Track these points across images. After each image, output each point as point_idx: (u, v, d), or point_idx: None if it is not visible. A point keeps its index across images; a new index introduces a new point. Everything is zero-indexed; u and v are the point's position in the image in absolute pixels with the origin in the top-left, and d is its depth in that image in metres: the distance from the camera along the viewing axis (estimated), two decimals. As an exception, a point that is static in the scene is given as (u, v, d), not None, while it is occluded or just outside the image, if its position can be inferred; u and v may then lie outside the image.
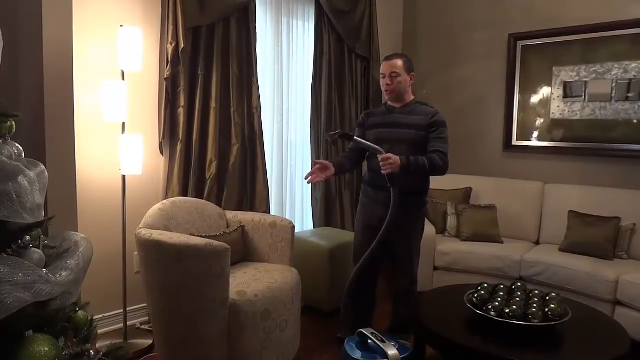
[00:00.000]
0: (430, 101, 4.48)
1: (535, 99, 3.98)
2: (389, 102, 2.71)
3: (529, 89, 4.01)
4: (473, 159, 4.31)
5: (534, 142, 4.00)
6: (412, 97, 2.71)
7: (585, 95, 3.71)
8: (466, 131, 4.37)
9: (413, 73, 2.67)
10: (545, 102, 3.92)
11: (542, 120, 3.95)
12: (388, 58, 2.68)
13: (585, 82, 3.70)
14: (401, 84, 2.61)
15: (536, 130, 3.99)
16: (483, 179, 3.99)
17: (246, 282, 2.42)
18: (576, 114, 3.76)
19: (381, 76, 2.66)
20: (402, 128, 2.61)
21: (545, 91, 3.92)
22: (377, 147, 2.44)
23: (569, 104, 3.79)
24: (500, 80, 4.15)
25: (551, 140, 3.90)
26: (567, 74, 3.79)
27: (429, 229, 3.46)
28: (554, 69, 3.85)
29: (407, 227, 2.62)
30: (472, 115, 4.34)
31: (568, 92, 3.79)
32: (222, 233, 2.73)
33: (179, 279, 2.27)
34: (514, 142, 4.10)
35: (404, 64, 2.61)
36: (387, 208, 2.44)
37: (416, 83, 4.58)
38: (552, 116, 3.89)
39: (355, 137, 2.49)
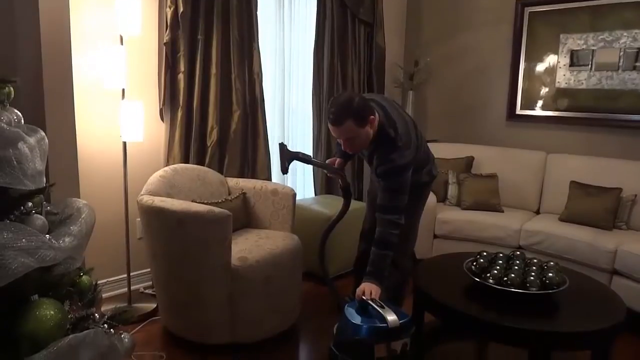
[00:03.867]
0: (433, 70, 4.46)
1: (541, 67, 3.92)
2: None
3: (535, 57, 3.94)
4: (476, 128, 4.28)
5: (538, 112, 3.96)
6: (376, 128, 2.11)
7: (592, 64, 3.65)
8: (469, 100, 4.33)
9: (372, 117, 2.05)
10: (551, 71, 3.86)
11: (547, 90, 3.90)
12: (334, 122, 2.02)
13: (593, 50, 3.63)
14: (364, 139, 2.07)
15: (541, 99, 3.94)
16: (485, 148, 3.96)
17: (248, 249, 2.44)
18: (582, 83, 3.70)
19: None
20: (369, 160, 2.25)
21: (551, 59, 3.85)
22: (335, 169, 2.34)
23: (575, 72, 3.73)
24: (505, 48, 4.07)
25: (556, 110, 3.86)
26: (574, 41, 3.72)
27: (429, 198, 3.49)
28: (561, 36, 3.77)
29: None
30: (476, 83, 4.28)
31: (575, 60, 3.73)
32: (223, 200, 2.74)
33: (182, 245, 2.29)
34: (518, 112, 4.05)
35: (356, 121, 2.00)
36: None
37: (420, 50, 4.54)
38: (557, 85, 3.83)
39: (312, 159, 2.28)
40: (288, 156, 2.18)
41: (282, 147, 2.18)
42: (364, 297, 2.04)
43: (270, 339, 2.47)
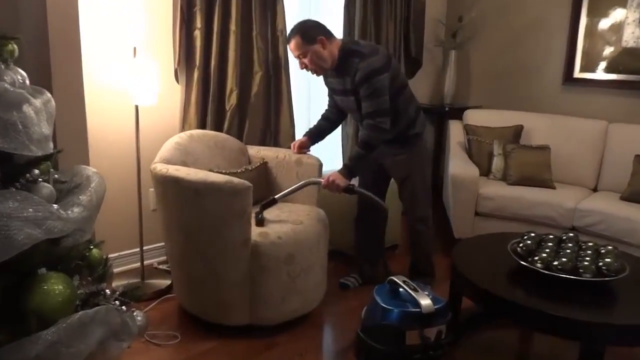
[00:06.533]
0: (479, 26, 4.33)
1: (605, 23, 3.76)
2: None
3: (599, 11, 3.77)
4: (526, 92, 4.17)
5: (599, 75, 3.82)
6: (338, 49, 2.55)
7: (666, 19, 3.48)
8: (520, 61, 4.21)
9: (321, 37, 2.50)
10: (617, 28, 3.69)
11: (611, 49, 3.75)
12: (287, 40, 2.62)
13: (669, 3, 3.46)
14: (315, 60, 2.52)
15: (604, 60, 3.80)
16: (537, 115, 3.87)
17: (271, 224, 2.46)
18: (653, 41, 3.54)
19: None
20: (346, 95, 2.63)
21: (618, 14, 3.68)
22: (315, 180, 2.64)
23: (645, 29, 3.57)
24: (564, 0, 3.92)
25: (621, 73, 3.71)
26: (646, -7, 3.54)
27: (471, 170, 3.48)
28: (631, -13, 3.60)
29: (403, 167, 2.76)
30: (528, 42, 4.15)
31: (646, 15, 3.56)
32: (243, 170, 2.76)
33: (198, 218, 2.33)
34: (576, 75, 3.92)
35: (302, 39, 2.49)
36: (387, 155, 2.73)
37: (464, 3, 4.40)
38: (624, 44, 3.68)
39: (275, 198, 2.57)
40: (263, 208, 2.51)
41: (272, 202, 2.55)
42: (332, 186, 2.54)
43: (292, 321, 2.50)
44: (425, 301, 2.01)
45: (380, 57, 2.51)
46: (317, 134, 2.89)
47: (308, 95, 3.66)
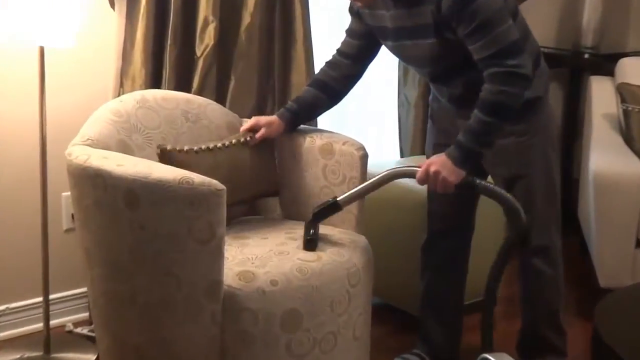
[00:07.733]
0: None
1: None
2: None
3: None
4: None
5: None
6: None
7: None
8: None
9: None
10: None
11: None
12: None
13: None
14: None
15: None
16: None
17: (262, 257, 2.45)
18: None
19: None
20: (415, 36, 2.60)
21: None
22: (408, 169, 2.67)
23: None
24: None
25: None
26: None
27: (629, 164, 3.49)
28: None
29: (511, 158, 2.72)
30: None
31: None
32: (222, 145, 2.79)
33: (134, 242, 2.31)
34: None
35: None
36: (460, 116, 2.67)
37: None
38: None
39: (338, 201, 2.59)
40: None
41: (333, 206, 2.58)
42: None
43: None
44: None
45: None
46: (308, 107, 2.90)
47: (340, 28, 3.57)
